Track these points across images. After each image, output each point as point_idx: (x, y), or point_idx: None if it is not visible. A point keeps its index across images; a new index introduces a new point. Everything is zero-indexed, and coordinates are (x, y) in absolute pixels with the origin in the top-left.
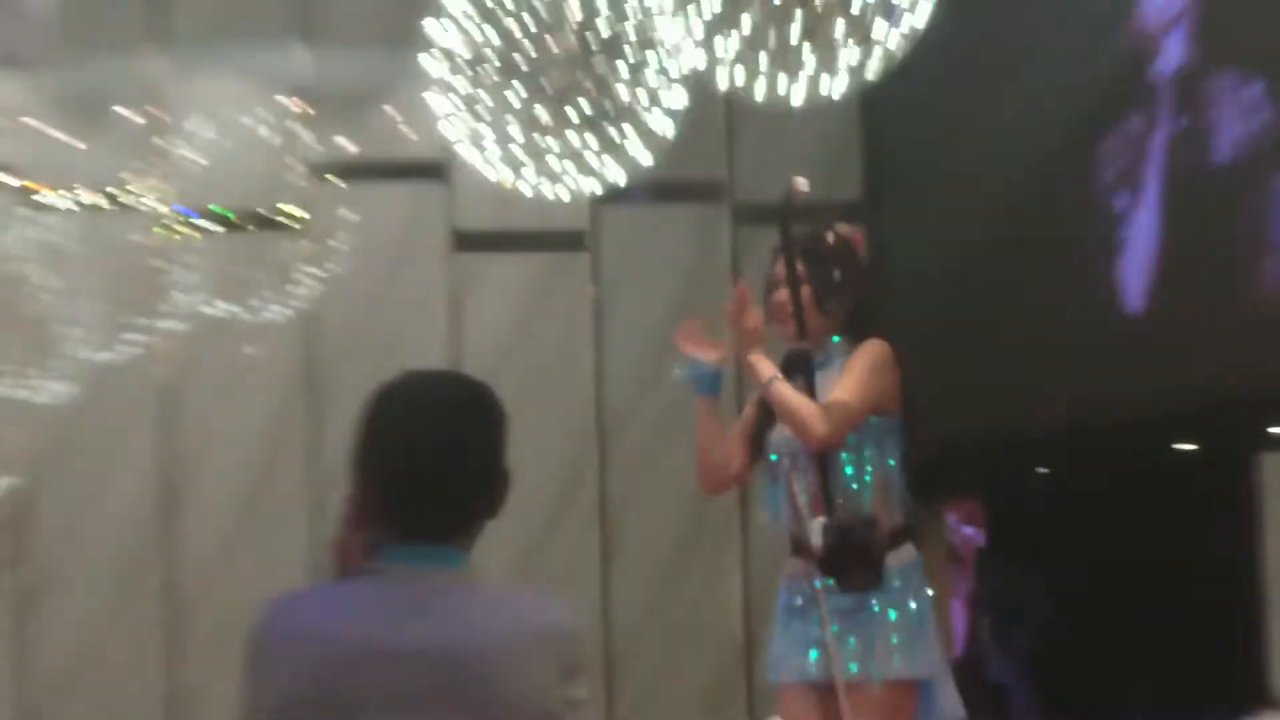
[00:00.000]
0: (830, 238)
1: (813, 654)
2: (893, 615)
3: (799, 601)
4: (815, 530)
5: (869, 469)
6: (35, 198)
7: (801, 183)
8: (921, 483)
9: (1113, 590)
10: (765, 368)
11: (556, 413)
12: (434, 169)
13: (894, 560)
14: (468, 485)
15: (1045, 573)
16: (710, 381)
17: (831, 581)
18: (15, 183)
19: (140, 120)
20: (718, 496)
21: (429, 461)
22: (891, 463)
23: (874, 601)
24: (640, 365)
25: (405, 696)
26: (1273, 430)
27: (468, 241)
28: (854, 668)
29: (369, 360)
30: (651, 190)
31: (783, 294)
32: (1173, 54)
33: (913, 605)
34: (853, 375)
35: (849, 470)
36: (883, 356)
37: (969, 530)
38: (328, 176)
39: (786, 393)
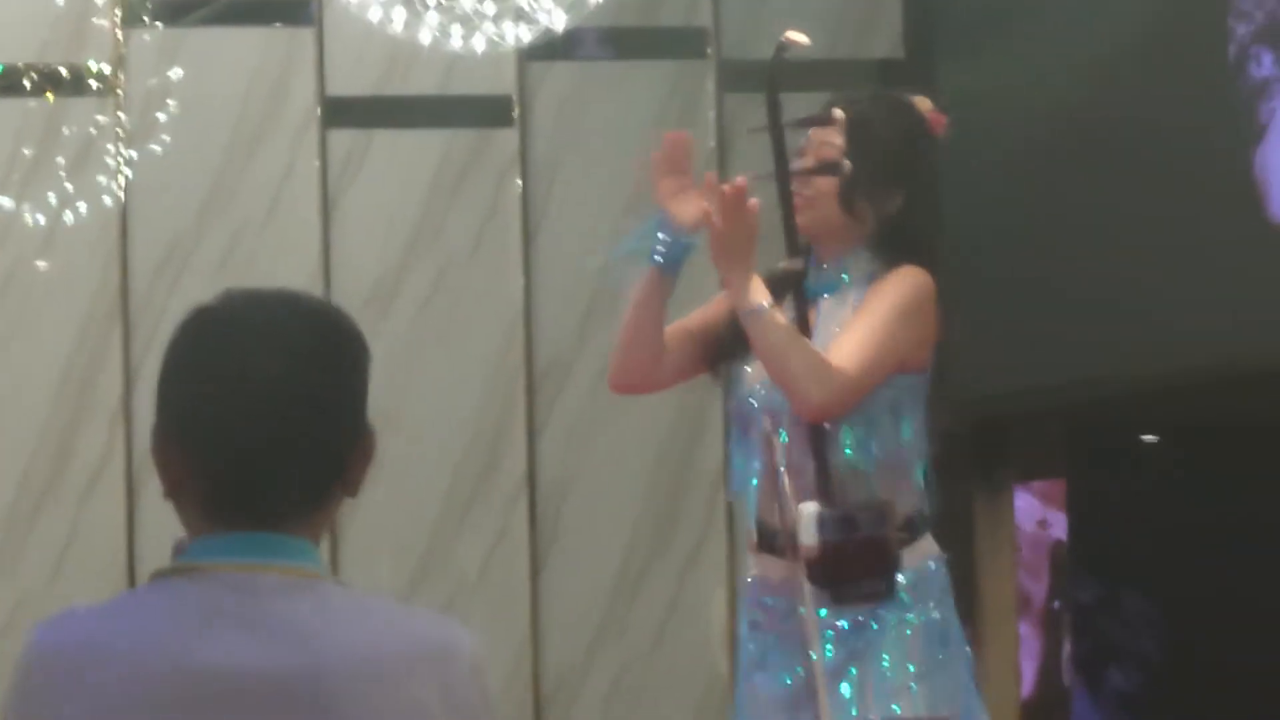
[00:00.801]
0: (885, 105)
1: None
2: (906, 635)
3: (763, 622)
4: (807, 521)
5: (878, 440)
6: None
7: (798, 37)
8: (978, 455)
9: (1257, 612)
10: (754, 289)
11: (468, 355)
12: (297, 10)
13: (907, 562)
14: (312, 452)
15: (1153, 584)
16: (676, 252)
17: (827, 594)
18: None
19: None
20: (630, 394)
21: (256, 419)
22: (907, 433)
23: (876, 619)
24: (587, 287)
25: None
26: None
27: (345, 112)
28: (854, 712)
29: (205, 279)
30: (606, 41)
31: (803, 192)
32: None
33: (932, 619)
34: (872, 319)
35: (853, 440)
36: (920, 293)
37: (1046, 521)
38: (150, 20)
39: (779, 331)
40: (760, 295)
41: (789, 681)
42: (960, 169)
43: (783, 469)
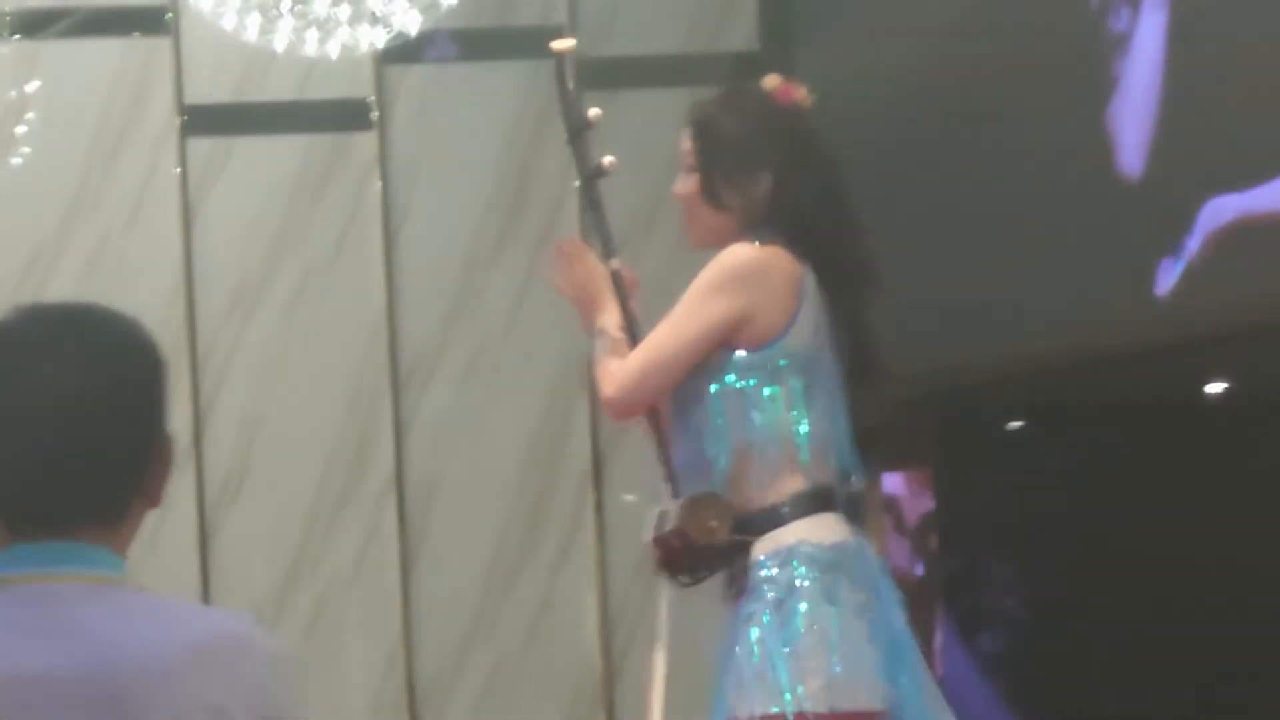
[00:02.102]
0: (725, 97)
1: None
2: (753, 633)
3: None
4: (649, 519)
5: (724, 431)
6: None
7: (564, 44)
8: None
9: (1114, 577)
10: (602, 317)
11: (333, 357)
12: (153, 19)
13: (765, 549)
14: (104, 462)
15: (1018, 555)
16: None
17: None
18: None
19: None
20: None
21: (43, 433)
22: (764, 417)
23: (741, 611)
24: (449, 288)
25: None
26: None
27: (203, 119)
28: (724, 706)
29: (68, 284)
30: (460, 41)
31: (684, 184)
32: None
33: (792, 605)
34: (672, 310)
35: (695, 435)
36: (727, 269)
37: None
38: (7, 34)
39: (600, 348)
40: (605, 320)
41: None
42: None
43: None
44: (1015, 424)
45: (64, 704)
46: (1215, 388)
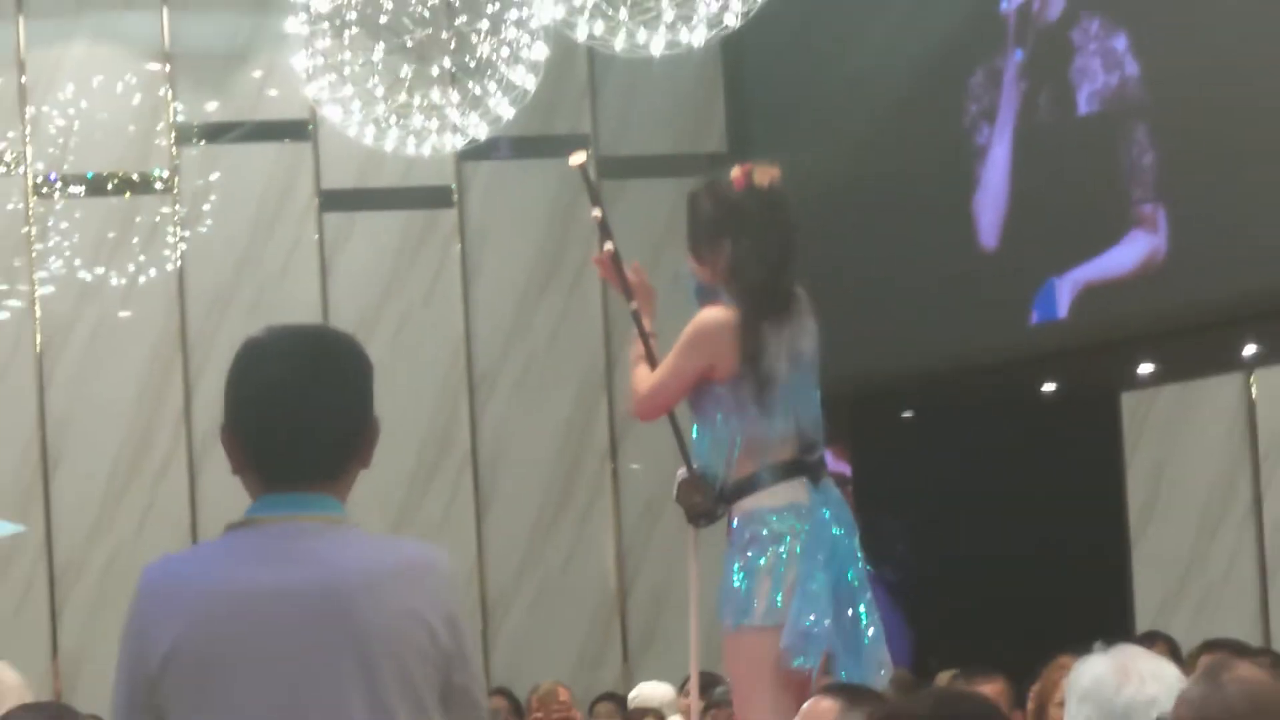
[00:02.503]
0: (702, 186)
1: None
2: (735, 567)
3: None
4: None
5: (710, 430)
6: None
7: (579, 157)
8: None
9: (975, 529)
10: (639, 329)
11: (426, 369)
12: (299, 129)
13: (736, 512)
14: (333, 435)
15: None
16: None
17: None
18: None
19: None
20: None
21: (293, 414)
22: (725, 422)
23: (730, 553)
24: (508, 320)
25: (280, 633)
26: (1140, 370)
27: (334, 200)
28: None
29: (240, 320)
30: (515, 145)
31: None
32: None
33: (755, 546)
34: (671, 353)
35: (697, 432)
36: (698, 330)
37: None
38: (195, 140)
39: (635, 353)
40: (639, 331)
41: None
42: None
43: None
44: (907, 414)
45: (303, 610)
46: (1049, 388)
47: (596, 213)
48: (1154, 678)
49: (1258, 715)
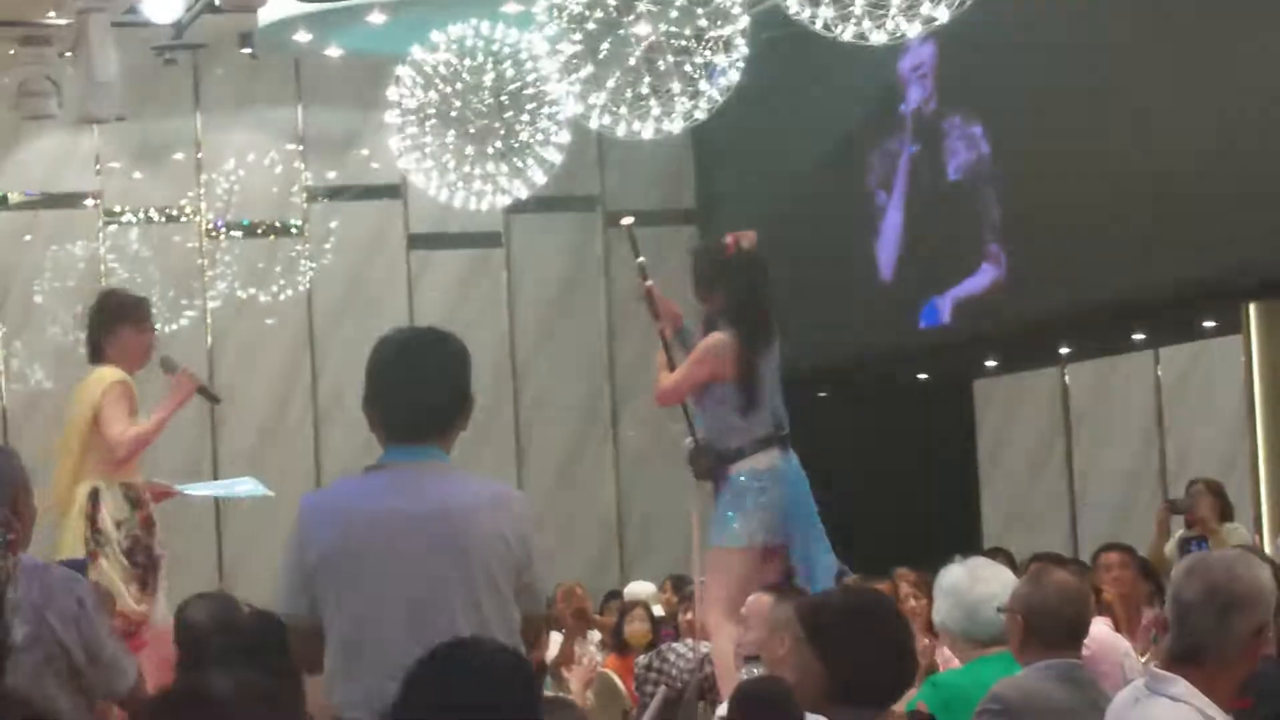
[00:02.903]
0: (700, 247)
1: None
2: (722, 504)
3: None
4: (684, 448)
5: (711, 413)
6: (115, 216)
7: (628, 220)
8: None
9: (874, 474)
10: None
11: (481, 362)
12: (393, 191)
13: (735, 468)
14: (443, 404)
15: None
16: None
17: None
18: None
19: (183, 157)
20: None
21: (414, 390)
22: (722, 410)
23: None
24: (539, 329)
25: (404, 545)
26: (986, 363)
27: (418, 241)
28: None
29: (352, 327)
30: (545, 202)
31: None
32: (916, 96)
33: (739, 498)
34: (684, 364)
35: (699, 412)
36: (706, 348)
37: None
38: (320, 198)
39: (660, 359)
40: (663, 339)
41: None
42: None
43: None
44: (822, 394)
45: (421, 529)
46: (922, 376)
47: (640, 259)
48: (995, 580)
49: (1065, 605)
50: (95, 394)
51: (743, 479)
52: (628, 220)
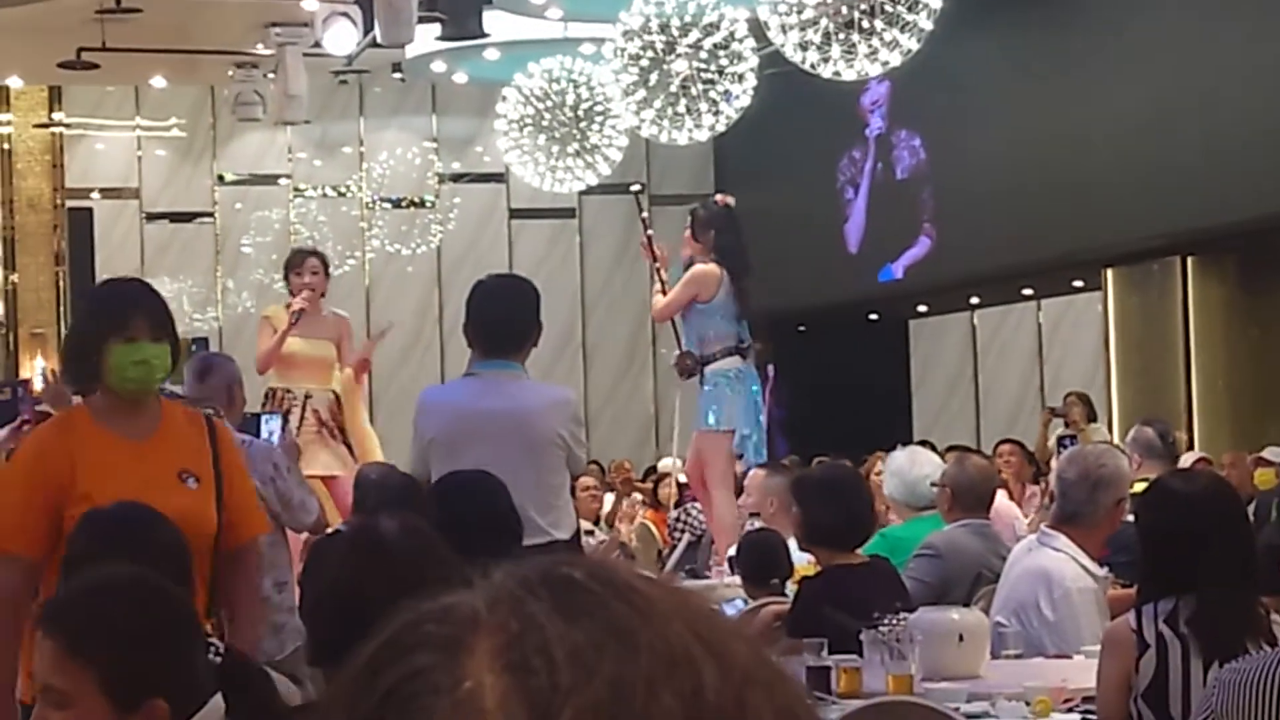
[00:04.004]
0: (700, 205)
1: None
2: (703, 400)
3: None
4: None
5: (695, 326)
6: (301, 192)
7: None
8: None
9: (834, 387)
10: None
11: (559, 306)
12: (501, 177)
13: (712, 369)
14: (518, 330)
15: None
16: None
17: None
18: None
19: (350, 150)
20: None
21: (498, 317)
22: (715, 322)
23: (703, 391)
24: (605, 281)
25: (490, 434)
26: (919, 308)
27: (517, 214)
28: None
29: (468, 273)
30: (608, 187)
31: (685, 233)
32: (875, 123)
33: (720, 391)
34: (676, 287)
35: (684, 325)
36: (691, 277)
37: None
38: (447, 181)
39: (655, 290)
40: (664, 276)
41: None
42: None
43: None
44: (801, 328)
45: (502, 420)
46: (873, 316)
47: (643, 215)
48: (928, 463)
49: (981, 482)
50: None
51: (716, 377)
52: (635, 187)
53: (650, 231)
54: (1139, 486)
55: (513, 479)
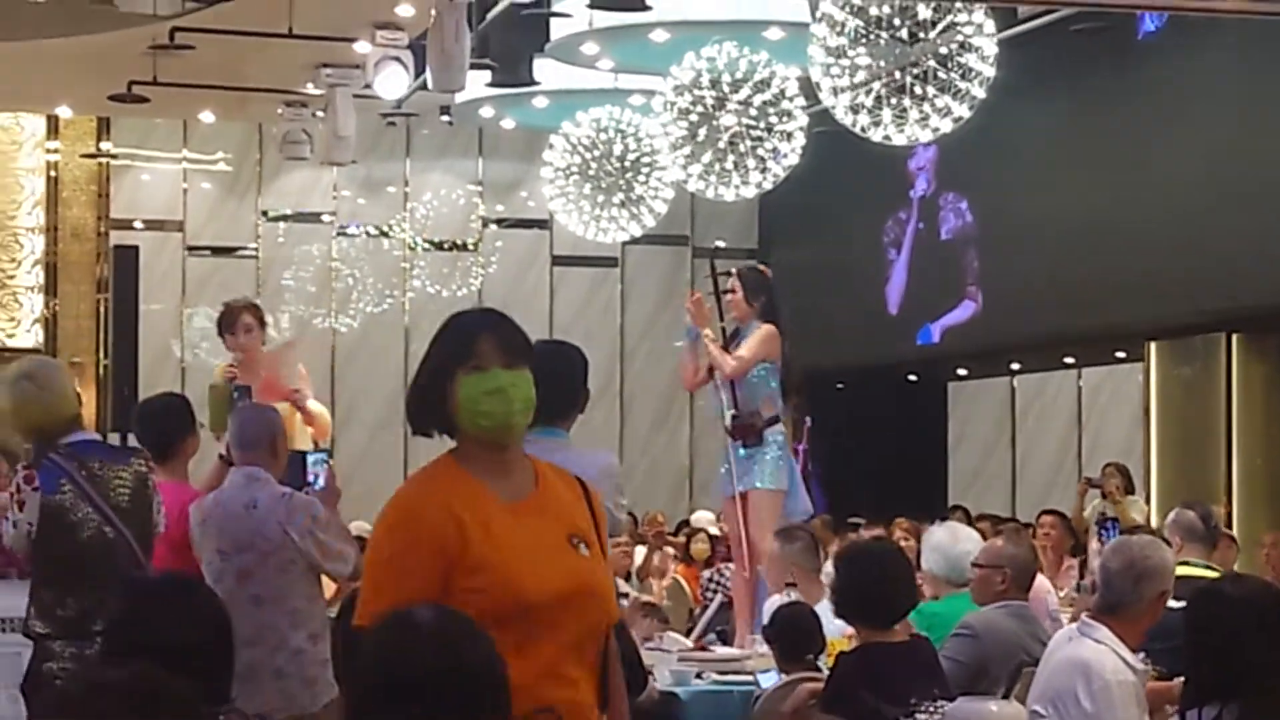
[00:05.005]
0: (746, 269)
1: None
2: (766, 456)
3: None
4: (728, 417)
5: (759, 388)
6: (342, 230)
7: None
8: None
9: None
10: (707, 330)
11: (598, 354)
12: (543, 223)
13: (769, 434)
14: (568, 396)
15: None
16: (693, 334)
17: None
18: (330, 220)
19: (395, 190)
20: (693, 391)
21: (545, 386)
22: (772, 384)
23: (757, 454)
24: (644, 331)
25: None
26: (958, 371)
27: (560, 261)
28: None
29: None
30: (651, 238)
31: (730, 296)
32: (920, 185)
33: (776, 457)
34: (748, 344)
35: (746, 386)
36: (768, 335)
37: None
38: (490, 225)
39: (711, 345)
40: (707, 332)
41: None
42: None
43: (724, 400)
44: (840, 385)
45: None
46: (912, 377)
47: (720, 274)
48: (969, 540)
49: (1019, 565)
50: None
51: (777, 439)
52: (717, 243)
53: (726, 294)
54: (1181, 570)
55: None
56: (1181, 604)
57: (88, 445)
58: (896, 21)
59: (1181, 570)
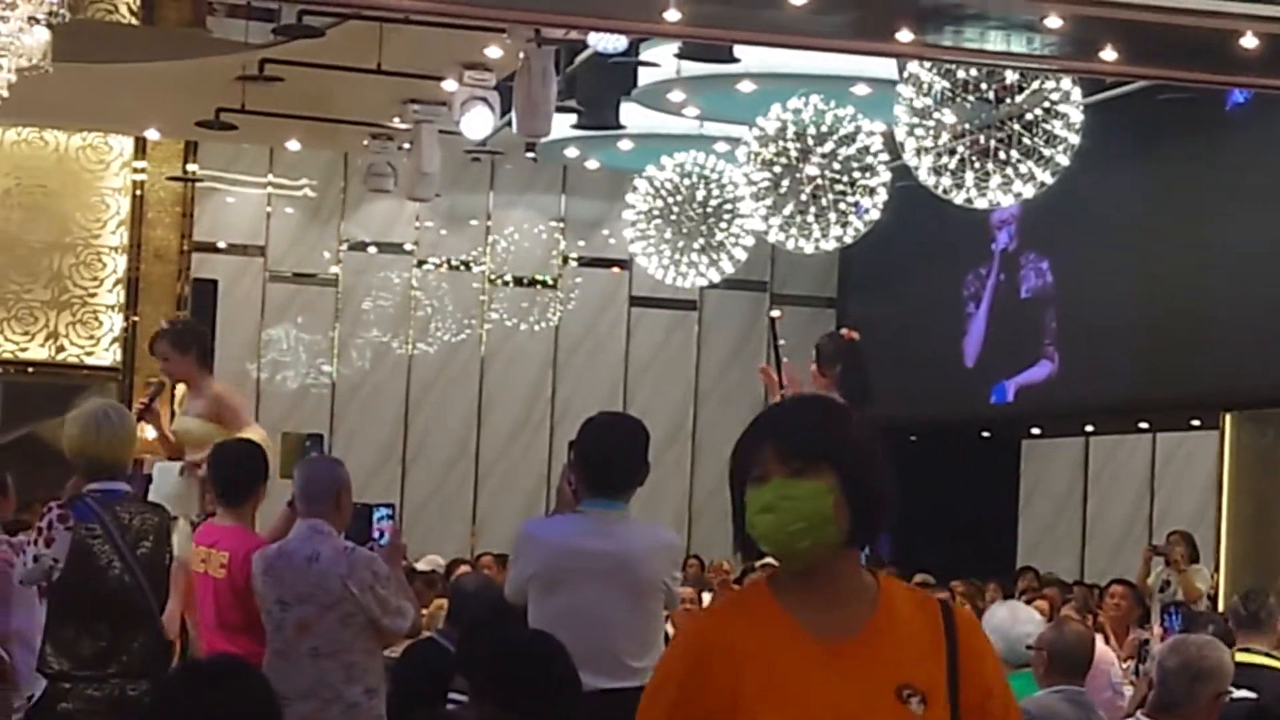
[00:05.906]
0: (827, 338)
1: None
2: None
3: None
4: None
5: None
6: (424, 261)
7: (776, 313)
8: None
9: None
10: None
11: (672, 396)
12: (624, 263)
13: None
14: (629, 469)
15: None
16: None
17: None
18: (410, 250)
19: (477, 224)
20: None
21: (608, 461)
22: None
23: None
24: (719, 375)
25: (592, 574)
26: (1032, 430)
27: (639, 302)
28: None
29: (583, 359)
30: (730, 283)
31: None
32: (1002, 239)
33: None
34: None
35: None
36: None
37: None
38: (570, 262)
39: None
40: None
41: None
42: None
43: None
44: (913, 438)
45: (605, 562)
46: (986, 434)
47: (780, 343)
48: (1029, 622)
49: (1077, 649)
50: None
51: None
52: (775, 313)
53: (786, 360)
54: (1240, 657)
55: (612, 620)
56: (1246, 693)
57: (118, 494)
58: (984, 86)
59: (1241, 658)
